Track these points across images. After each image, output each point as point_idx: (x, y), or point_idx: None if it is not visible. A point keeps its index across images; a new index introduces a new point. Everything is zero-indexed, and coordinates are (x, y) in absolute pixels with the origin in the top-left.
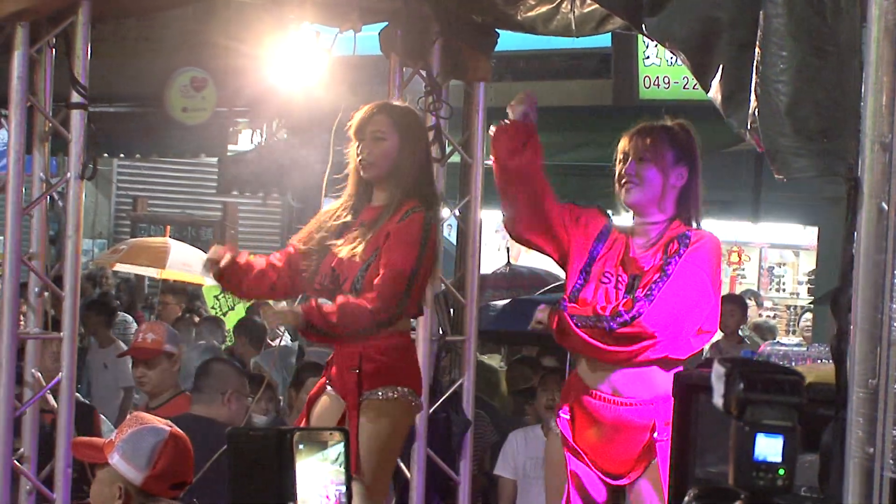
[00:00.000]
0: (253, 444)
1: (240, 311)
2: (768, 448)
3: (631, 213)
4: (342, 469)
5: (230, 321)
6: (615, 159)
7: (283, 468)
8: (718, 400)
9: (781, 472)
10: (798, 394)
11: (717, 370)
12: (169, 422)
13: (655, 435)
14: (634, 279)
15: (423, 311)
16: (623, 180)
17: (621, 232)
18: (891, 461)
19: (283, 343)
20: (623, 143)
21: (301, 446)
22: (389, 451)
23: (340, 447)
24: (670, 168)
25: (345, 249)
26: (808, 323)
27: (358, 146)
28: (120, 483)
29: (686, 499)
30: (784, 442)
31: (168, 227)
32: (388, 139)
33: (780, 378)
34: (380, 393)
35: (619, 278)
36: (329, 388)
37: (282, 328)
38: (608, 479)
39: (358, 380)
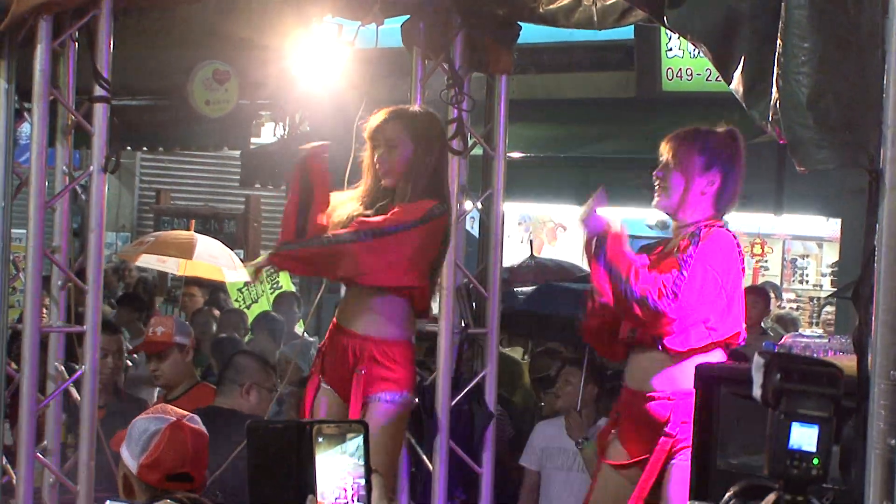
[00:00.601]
0: (272, 438)
1: (263, 303)
2: (803, 437)
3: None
4: (361, 462)
5: (253, 314)
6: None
7: (302, 461)
8: (757, 391)
9: (816, 461)
10: (835, 386)
11: (757, 361)
12: (186, 413)
13: (667, 429)
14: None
15: (429, 310)
16: (654, 183)
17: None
18: None
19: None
20: (662, 146)
21: (320, 439)
22: (390, 454)
23: (359, 440)
24: (698, 175)
25: None
26: (831, 315)
27: (373, 153)
28: (124, 471)
29: (727, 495)
30: (819, 432)
31: (193, 221)
32: (402, 146)
33: (818, 370)
34: (385, 398)
35: None
36: (325, 384)
37: (300, 330)
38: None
39: (362, 383)
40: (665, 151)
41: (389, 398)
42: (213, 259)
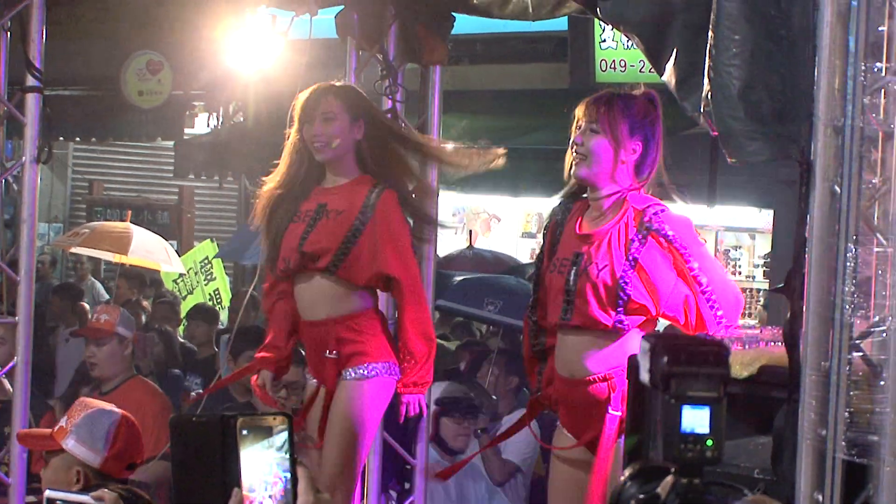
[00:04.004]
0: (196, 432)
1: (198, 295)
2: (695, 420)
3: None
4: (287, 455)
5: (188, 305)
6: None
7: (227, 455)
8: (645, 375)
9: (710, 443)
10: (722, 364)
11: (643, 345)
12: (106, 404)
13: (610, 407)
14: (577, 256)
15: None
16: (573, 149)
17: (568, 215)
18: (843, 443)
19: None
20: (579, 109)
21: (245, 432)
22: (363, 429)
23: (285, 434)
24: (624, 141)
25: (313, 232)
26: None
27: (303, 129)
28: (77, 467)
29: (622, 478)
30: (710, 413)
31: (129, 213)
32: (338, 119)
33: (704, 349)
34: (356, 372)
35: (564, 262)
36: (312, 380)
37: None
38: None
39: (337, 363)
40: (584, 116)
41: (357, 373)
42: (148, 254)
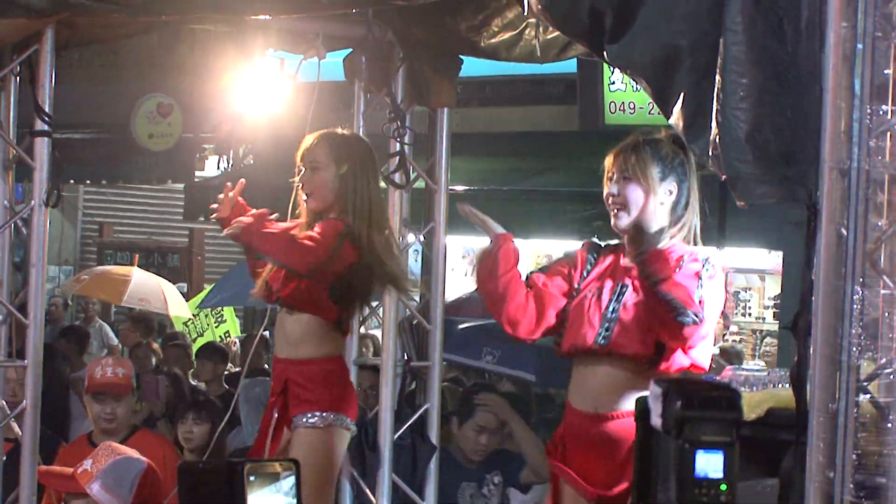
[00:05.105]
0: (204, 478)
1: (208, 337)
2: (709, 464)
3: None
4: (294, 500)
5: (197, 346)
6: (603, 178)
7: (234, 501)
8: (657, 420)
9: (724, 487)
10: (735, 409)
11: (654, 390)
12: (131, 450)
13: None
14: (621, 286)
15: (348, 330)
16: (609, 202)
17: (611, 252)
18: (851, 485)
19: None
20: (608, 161)
21: (252, 478)
22: (320, 478)
23: (292, 479)
24: (656, 186)
25: None
26: (773, 348)
27: (299, 175)
28: None
29: None
30: (724, 457)
31: (137, 256)
32: (324, 169)
33: (717, 395)
34: (307, 419)
35: (604, 287)
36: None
37: None
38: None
39: (285, 403)
40: (615, 167)
41: (304, 421)
42: (143, 303)
